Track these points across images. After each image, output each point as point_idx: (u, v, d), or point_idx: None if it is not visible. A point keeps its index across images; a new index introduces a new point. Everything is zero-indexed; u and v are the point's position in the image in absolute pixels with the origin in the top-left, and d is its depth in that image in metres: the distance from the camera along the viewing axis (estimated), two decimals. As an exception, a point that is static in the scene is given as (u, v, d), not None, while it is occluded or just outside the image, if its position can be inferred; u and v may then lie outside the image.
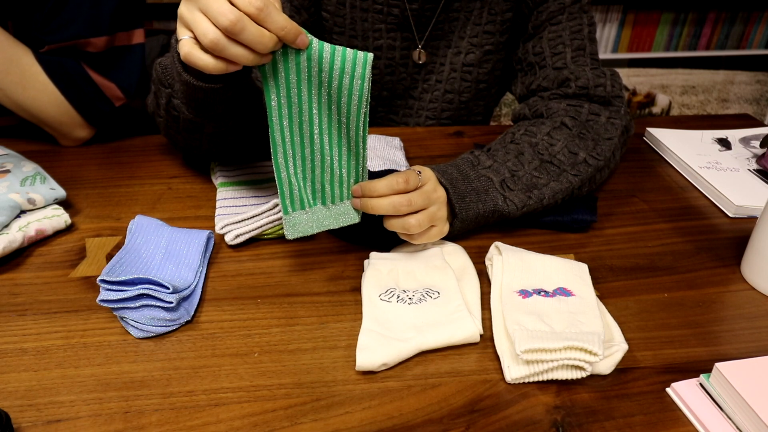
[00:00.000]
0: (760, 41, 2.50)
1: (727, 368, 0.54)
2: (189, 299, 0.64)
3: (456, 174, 0.74)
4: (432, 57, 1.00)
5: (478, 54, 0.99)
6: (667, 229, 0.81)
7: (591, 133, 0.83)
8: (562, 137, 0.81)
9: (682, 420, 0.55)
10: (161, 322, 0.60)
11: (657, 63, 2.45)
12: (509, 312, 0.61)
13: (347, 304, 0.66)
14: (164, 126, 0.80)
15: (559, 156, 0.79)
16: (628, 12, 2.34)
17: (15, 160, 0.81)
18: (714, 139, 1.02)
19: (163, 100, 0.74)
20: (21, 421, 0.52)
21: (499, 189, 0.75)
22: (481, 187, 0.74)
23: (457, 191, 0.73)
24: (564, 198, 0.78)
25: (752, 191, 0.87)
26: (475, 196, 0.74)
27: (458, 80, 1.01)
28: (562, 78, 0.89)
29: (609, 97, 0.87)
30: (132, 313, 0.60)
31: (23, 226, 0.71)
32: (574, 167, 0.79)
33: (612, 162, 0.84)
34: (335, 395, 0.56)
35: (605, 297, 0.68)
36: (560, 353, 0.56)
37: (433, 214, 0.69)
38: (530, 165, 0.77)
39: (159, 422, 0.53)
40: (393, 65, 1.00)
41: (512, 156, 0.78)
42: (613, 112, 0.86)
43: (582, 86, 0.87)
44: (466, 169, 0.76)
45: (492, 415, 0.54)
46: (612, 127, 0.84)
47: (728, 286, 0.71)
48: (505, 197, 0.74)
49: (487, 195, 0.74)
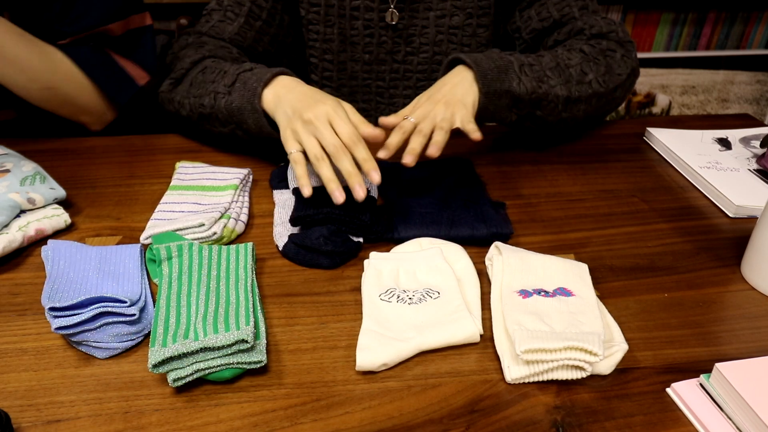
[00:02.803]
0: (760, 41, 2.50)
1: (727, 368, 0.54)
2: (145, 310, 0.63)
3: (481, 57, 0.85)
4: (411, 19, 1.01)
5: (461, 17, 1.01)
6: (667, 229, 0.81)
7: (605, 61, 0.93)
8: (579, 57, 0.92)
9: (682, 420, 0.55)
10: (126, 336, 0.59)
11: (657, 63, 2.45)
12: (509, 312, 0.61)
13: (347, 304, 0.66)
14: (189, 122, 0.91)
15: (571, 69, 0.90)
16: (628, 12, 2.33)
17: (15, 159, 0.80)
18: (714, 139, 1.02)
19: (222, 128, 0.88)
20: (21, 421, 0.52)
21: (516, 71, 0.85)
22: (503, 65, 0.84)
23: (481, 69, 0.83)
24: (562, 105, 0.89)
25: (752, 191, 0.87)
26: (496, 73, 0.83)
27: (445, 42, 1.03)
28: (577, 28, 0.97)
29: (622, 41, 0.97)
30: (93, 335, 0.58)
31: (23, 225, 0.71)
32: (580, 84, 0.90)
33: (615, 94, 0.95)
34: (335, 395, 0.56)
35: (605, 297, 0.68)
36: (560, 353, 0.56)
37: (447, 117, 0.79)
38: (547, 65, 0.88)
39: (159, 422, 0.53)
40: (372, 27, 1.01)
41: (533, 56, 0.89)
42: (628, 51, 0.96)
43: (597, 33, 0.96)
44: (492, 54, 0.86)
45: (492, 415, 0.54)
46: (624, 64, 0.95)
47: (728, 286, 0.71)
48: (520, 80, 0.85)
49: (506, 74, 0.84)
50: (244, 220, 0.77)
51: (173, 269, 0.65)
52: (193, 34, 0.97)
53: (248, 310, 0.60)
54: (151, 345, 0.55)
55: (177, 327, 0.57)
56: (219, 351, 0.55)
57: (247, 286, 0.64)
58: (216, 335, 0.55)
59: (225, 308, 0.60)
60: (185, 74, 0.91)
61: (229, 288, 0.63)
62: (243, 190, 0.82)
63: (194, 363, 0.55)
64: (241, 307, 0.61)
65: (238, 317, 0.59)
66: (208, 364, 0.55)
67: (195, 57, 0.91)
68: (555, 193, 0.88)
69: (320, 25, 1.01)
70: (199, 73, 0.89)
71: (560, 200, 0.86)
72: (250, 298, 0.62)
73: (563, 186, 0.89)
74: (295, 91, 0.78)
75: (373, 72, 1.06)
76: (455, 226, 0.76)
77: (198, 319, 0.58)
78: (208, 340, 0.55)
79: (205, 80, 0.87)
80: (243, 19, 0.96)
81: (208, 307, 0.60)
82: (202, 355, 0.55)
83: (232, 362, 0.55)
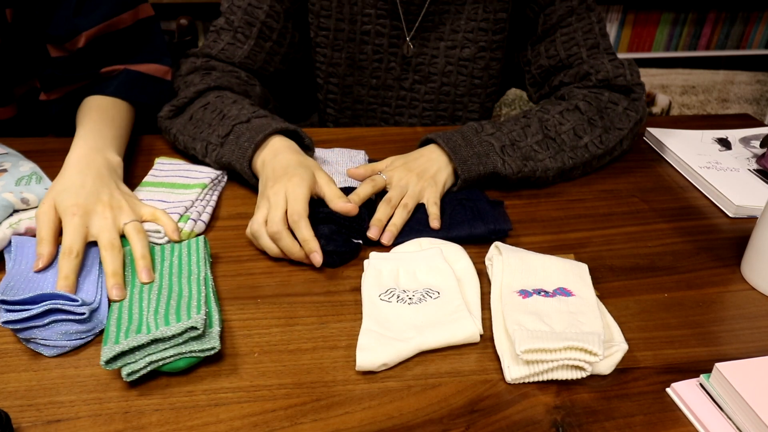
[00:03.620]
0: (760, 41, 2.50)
1: (727, 368, 0.54)
2: (98, 309, 0.62)
3: (460, 140, 0.83)
4: (422, 48, 1.00)
5: (473, 50, 1.00)
6: (667, 229, 0.81)
7: (604, 120, 0.88)
8: (573, 119, 0.87)
9: (682, 420, 0.55)
10: (75, 335, 0.59)
11: (657, 63, 2.45)
12: (509, 312, 0.61)
13: (347, 304, 0.66)
14: (180, 141, 0.89)
15: (563, 136, 0.86)
16: (628, 12, 2.34)
17: (14, 159, 0.80)
18: (714, 139, 1.02)
19: (213, 165, 0.86)
20: (21, 421, 0.52)
21: (498, 153, 0.83)
22: (483, 151, 0.82)
23: (459, 157, 0.81)
24: (555, 176, 0.86)
25: (752, 191, 0.87)
26: (476, 159, 0.82)
27: (455, 74, 1.02)
28: (582, 72, 0.94)
29: (630, 85, 0.93)
30: (41, 332, 0.58)
31: (14, 223, 0.71)
32: (574, 150, 0.86)
33: (616, 150, 0.91)
34: (335, 395, 0.56)
35: (605, 297, 0.68)
36: (560, 353, 0.56)
37: (415, 192, 0.79)
38: (533, 138, 0.85)
39: (159, 422, 0.53)
40: (381, 52, 1.00)
41: (518, 127, 0.85)
42: (633, 102, 0.92)
43: (603, 78, 0.92)
44: (470, 135, 0.84)
45: (492, 415, 0.54)
46: (627, 118, 0.90)
47: (728, 286, 0.71)
48: (504, 161, 0.82)
49: (488, 158, 0.82)
50: (205, 219, 0.77)
51: (126, 271, 0.66)
52: (201, 57, 0.95)
53: (200, 301, 0.60)
54: (104, 343, 0.55)
55: (129, 323, 0.58)
56: (170, 341, 0.55)
57: (200, 279, 0.64)
58: (167, 326, 0.56)
59: (177, 301, 0.60)
60: (187, 105, 0.89)
61: (181, 282, 0.64)
62: (213, 189, 0.82)
63: (147, 356, 0.55)
64: (193, 299, 0.61)
65: (189, 308, 0.59)
66: (161, 356, 0.55)
67: (200, 86, 0.89)
68: (555, 193, 0.88)
69: (328, 48, 1.00)
70: (200, 108, 0.87)
71: (560, 200, 0.86)
72: (203, 290, 0.62)
73: (563, 186, 0.89)
74: (276, 159, 0.76)
75: (380, 97, 1.05)
76: (453, 227, 0.76)
77: (150, 313, 0.59)
78: (158, 332, 0.55)
79: (203, 121, 0.85)
80: (253, 41, 0.94)
81: (160, 301, 0.61)
82: (154, 347, 0.55)
83: (184, 351, 0.56)
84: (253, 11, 0.94)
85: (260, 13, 0.94)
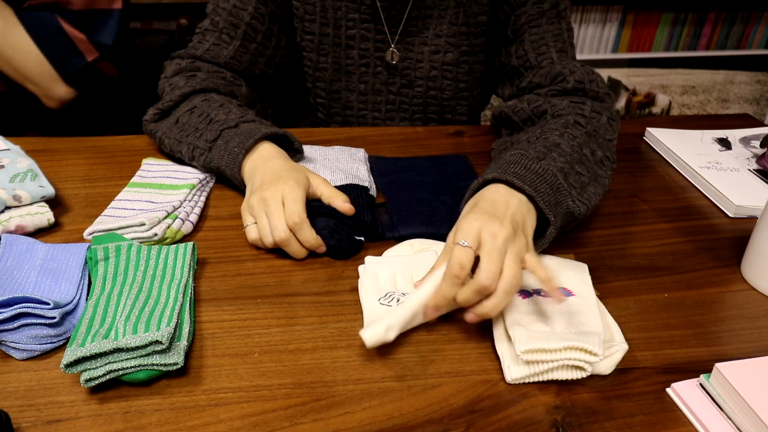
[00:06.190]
0: (760, 41, 2.50)
1: (727, 368, 0.54)
2: (74, 313, 0.61)
3: (530, 174, 0.67)
4: (407, 53, 1.00)
5: (456, 54, 0.99)
6: (667, 229, 0.81)
7: (598, 133, 0.81)
8: (580, 135, 0.77)
9: (682, 420, 0.55)
10: (45, 339, 0.58)
11: (657, 63, 2.45)
12: (509, 312, 0.61)
13: (347, 304, 0.66)
14: (166, 144, 0.88)
15: (590, 156, 0.75)
16: (628, 12, 2.33)
17: (13, 155, 0.80)
18: (714, 139, 1.02)
19: (200, 168, 0.85)
20: (21, 421, 0.52)
21: (564, 185, 0.68)
22: (555, 184, 0.68)
23: (540, 192, 0.66)
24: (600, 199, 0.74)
25: (752, 191, 0.87)
26: (553, 196, 0.67)
27: (440, 78, 1.02)
28: (555, 73, 0.89)
29: (602, 94, 0.87)
30: (11, 335, 0.57)
31: (4, 220, 0.71)
32: (601, 166, 0.76)
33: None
34: (335, 395, 0.56)
35: (605, 297, 0.68)
36: (560, 353, 0.56)
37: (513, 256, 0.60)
38: (576, 160, 0.73)
39: (159, 422, 0.53)
40: (367, 57, 1.00)
41: (563, 161, 0.71)
42: (609, 110, 0.85)
43: (579, 80, 0.87)
44: (526, 165, 0.68)
45: (492, 415, 0.54)
46: (611, 128, 0.83)
47: (728, 286, 0.71)
48: (570, 194, 0.69)
49: (559, 193, 0.68)
50: (193, 220, 0.76)
51: (108, 270, 0.65)
52: (186, 58, 0.94)
53: (173, 310, 0.60)
54: (69, 345, 0.55)
55: (100, 327, 0.57)
56: (133, 352, 0.55)
57: (179, 287, 0.63)
58: (133, 336, 0.55)
59: (151, 307, 0.60)
60: (172, 108, 0.88)
61: (161, 287, 0.63)
62: (201, 190, 0.82)
63: (107, 363, 0.54)
64: (168, 307, 0.60)
65: (161, 318, 0.58)
66: (121, 365, 0.54)
67: (185, 90, 0.88)
68: (555, 193, 0.87)
69: (313, 53, 1.00)
70: (186, 112, 0.86)
71: (560, 200, 0.86)
72: (180, 299, 0.62)
73: (563, 186, 0.89)
74: (268, 164, 0.77)
75: (369, 103, 1.05)
76: (453, 223, 0.76)
77: (121, 318, 0.58)
78: (122, 341, 0.54)
79: (190, 125, 0.84)
80: (238, 42, 0.94)
81: (135, 306, 0.60)
82: (116, 355, 0.54)
83: (146, 363, 0.55)
84: (238, 13, 0.94)
85: (245, 15, 0.94)
